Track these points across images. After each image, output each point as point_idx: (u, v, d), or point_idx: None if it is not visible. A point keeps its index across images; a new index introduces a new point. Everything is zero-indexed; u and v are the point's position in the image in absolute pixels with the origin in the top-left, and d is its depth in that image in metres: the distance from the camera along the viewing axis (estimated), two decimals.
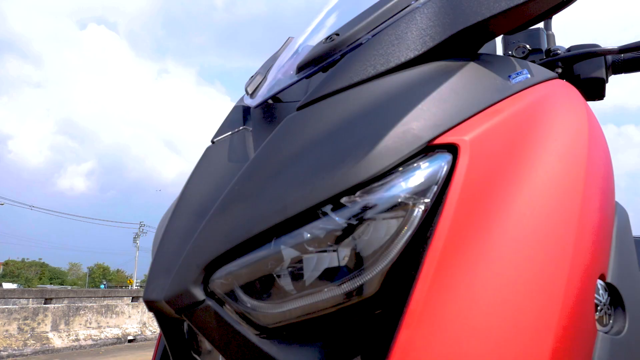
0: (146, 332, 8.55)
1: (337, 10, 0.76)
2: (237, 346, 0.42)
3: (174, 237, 0.49)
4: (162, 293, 0.44)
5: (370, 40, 0.54)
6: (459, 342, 0.38)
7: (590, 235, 0.47)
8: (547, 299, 0.41)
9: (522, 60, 0.58)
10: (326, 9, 0.78)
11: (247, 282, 0.43)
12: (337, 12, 0.75)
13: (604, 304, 0.48)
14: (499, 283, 0.40)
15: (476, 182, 0.43)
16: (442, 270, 0.40)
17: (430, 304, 0.39)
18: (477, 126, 0.46)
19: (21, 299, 7.59)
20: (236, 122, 0.62)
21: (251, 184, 0.46)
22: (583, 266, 0.44)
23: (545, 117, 0.51)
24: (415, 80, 0.49)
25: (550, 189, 0.46)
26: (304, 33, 0.73)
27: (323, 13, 0.77)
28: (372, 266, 0.41)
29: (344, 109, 0.48)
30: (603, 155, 0.55)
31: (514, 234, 0.42)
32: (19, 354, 6.48)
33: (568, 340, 0.41)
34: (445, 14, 0.52)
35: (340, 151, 0.44)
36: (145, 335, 8.45)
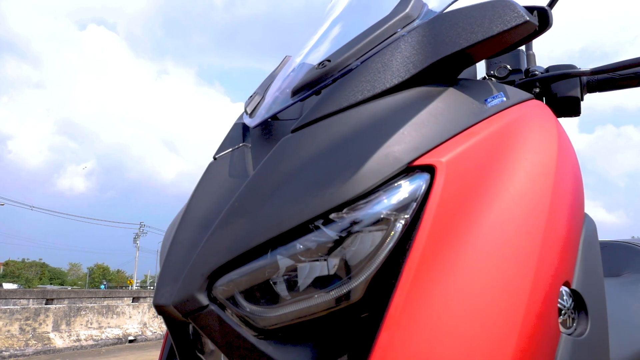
0: (147, 332, 8.59)
1: (332, 28, 0.81)
2: (237, 346, 0.47)
3: (180, 247, 0.54)
4: (170, 299, 0.50)
5: (359, 67, 0.59)
6: (432, 342, 0.43)
7: (556, 246, 0.52)
8: (512, 304, 0.46)
9: (499, 83, 0.63)
10: (323, 27, 0.83)
11: (246, 288, 0.48)
12: (332, 30, 0.80)
13: (568, 309, 0.53)
14: (469, 290, 0.45)
15: (451, 199, 0.48)
16: (419, 278, 0.45)
17: (407, 309, 0.44)
18: (453, 148, 0.51)
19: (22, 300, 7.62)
20: (236, 139, 0.67)
21: (250, 200, 0.51)
22: (547, 274, 0.49)
23: (517, 137, 0.56)
24: (398, 106, 0.54)
25: (519, 204, 0.51)
26: (300, 52, 0.78)
27: (319, 32, 0.82)
28: (358, 274, 0.46)
29: (333, 132, 0.53)
30: (572, 172, 0.60)
31: (484, 246, 0.47)
32: (21, 354, 6.52)
33: (531, 341, 0.46)
34: (427, 43, 0.58)
35: (330, 172, 0.49)
36: (145, 336, 8.49)
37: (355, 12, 0.81)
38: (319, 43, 0.78)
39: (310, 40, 0.81)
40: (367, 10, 0.80)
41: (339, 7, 0.84)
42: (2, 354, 6.36)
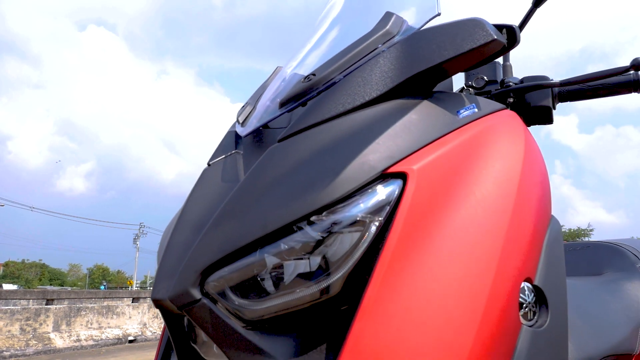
0: (146, 332, 8.63)
1: (322, 40, 0.86)
2: (227, 336, 0.52)
3: (176, 247, 0.59)
4: (166, 293, 0.55)
5: (341, 81, 0.64)
6: (401, 332, 0.48)
7: (518, 245, 0.57)
8: (474, 298, 0.51)
9: (472, 95, 0.68)
10: (313, 38, 0.88)
11: (236, 284, 0.53)
12: (322, 42, 0.85)
13: (529, 303, 0.58)
14: (435, 285, 0.50)
15: (421, 203, 0.53)
16: (390, 274, 0.50)
17: (379, 302, 0.49)
18: (424, 157, 0.56)
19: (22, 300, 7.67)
20: (229, 147, 0.72)
21: (240, 204, 0.56)
22: (508, 271, 0.54)
23: (486, 146, 0.61)
24: (375, 118, 0.59)
25: (483, 208, 0.56)
26: (290, 64, 0.83)
27: (310, 44, 0.87)
28: (336, 271, 0.51)
29: (316, 142, 0.58)
30: (538, 177, 0.65)
31: (450, 246, 0.52)
32: (21, 354, 6.57)
33: (492, 331, 0.51)
34: (404, 59, 0.63)
35: (312, 178, 0.54)
36: (145, 336, 8.53)
37: (345, 23, 0.86)
38: (308, 54, 0.82)
39: (300, 52, 0.86)
40: (356, 22, 0.85)
41: (329, 19, 0.89)
42: (3, 353, 6.40)
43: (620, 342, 1.01)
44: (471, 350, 0.49)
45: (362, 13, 0.84)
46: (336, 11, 0.88)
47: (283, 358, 0.51)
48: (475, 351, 0.49)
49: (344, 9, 0.87)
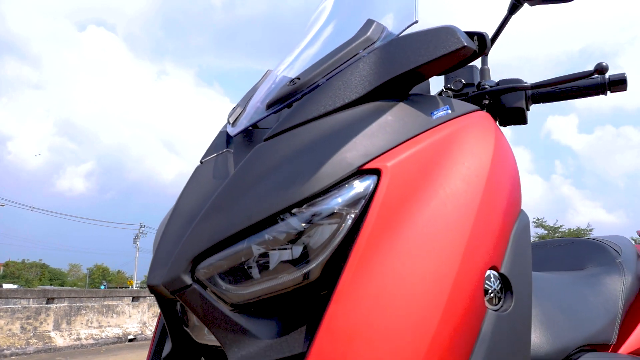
0: (146, 331, 8.67)
1: (310, 45, 0.90)
2: (215, 319, 0.57)
3: (169, 237, 0.64)
4: (160, 279, 0.59)
5: (324, 84, 0.69)
6: (371, 314, 0.53)
7: (484, 237, 0.61)
8: (440, 283, 0.55)
9: (446, 98, 0.73)
10: (302, 43, 0.93)
11: (223, 270, 0.58)
12: (310, 47, 0.90)
13: (495, 289, 0.63)
14: (404, 271, 0.55)
15: (393, 197, 0.58)
16: (363, 262, 0.55)
17: (352, 286, 0.54)
18: (397, 155, 0.61)
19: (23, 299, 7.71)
20: (220, 146, 0.77)
21: (228, 198, 0.61)
22: (474, 260, 0.59)
23: (456, 144, 0.66)
24: (354, 119, 0.64)
25: (452, 201, 0.60)
26: (279, 67, 0.88)
27: (298, 48, 0.92)
28: (315, 258, 0.56)
29: (299, 141, 0.63)
30: (508, 174, 0.70)
31: (419, 236, 0.57)
32: (22, 352, 6.61)
33: (456, 314, 0.56)
34: (382, 64, 0.67)
35: (294, 174, 0.59)
36: (145, 335, 8.57)
37: (331, 28, 0.91)
38: (296, 58, 0.87)
39: (289, 55, 0.91)
40: (342, 28, 0.90)
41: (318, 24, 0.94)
42: (4, 352, 6.45)
43: (597, 332, 1.05)
44: (436, 330, 0.54)
45: (347, 19, 0.89)
46: (324, 17, 0.93)
47: (266, 338, 0.56)
48: (441, 332, 0.54)
49: (331, 14, 0.92)
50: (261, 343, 0.56)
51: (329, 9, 0.93)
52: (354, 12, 0.89)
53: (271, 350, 0.55)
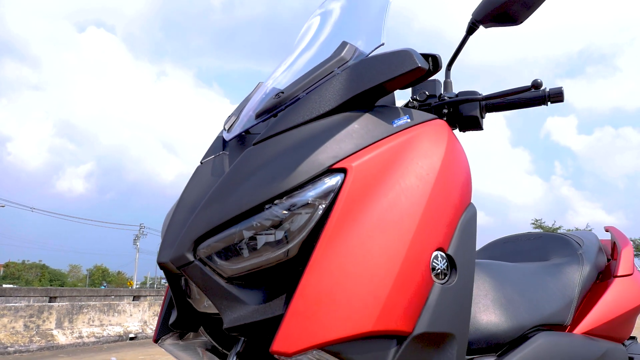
0: (147, 330, 8.79)
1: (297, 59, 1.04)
2: (212, 289, 0.71)
3: (175, 223, 0.77)
4: (168, 257, 0.73)
5: (304, 97, 0.83)
6: (336, 283, 0.67)
7: (433, 223, 0.75)
8: (393, 260, 0.69)
9: (407, 108, 0.87)
10: (290, 57, 1.06)
11: (219, 250, 0.72)
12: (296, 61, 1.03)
13: (441, 267, 0.76)
14: (364, 250, 0.69)
15: (357, 191, 0.72)
16: (330, 242, 0.68)
17: (322, 261, 0.67)
18: (361, 157, 0.74)
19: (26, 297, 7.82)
20: (217, 148, 0.90)
21: (223, 191, 0.75)
22: (422, 242, 0.72)
23: (412, 148, 0.79)
24: (326, 127, 0.78)
25: (405, 194, 0.74)
26: (268, 80, 1.02)
27: (286, 62, 1.05)
28: (293, 240, 0.70)
29: (282, 145, 0.77)
30: (458, 172, 0.84)
31: (377, 222, 0.71)
32: (25, 350, 6.73)
33: (405, 285, 0.69)
34: (352, 80, 0.81)
35: (277, 172, 0.73)
36: (146, 333, 8.68)
37: (314, 46, 1.04)
38: (283, 73, 1.01)
39: (278, 69, 1.04)
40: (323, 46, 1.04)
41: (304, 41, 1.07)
42: (8, 349, 6.56)
43: (553, 314, 1.19)
44: (388, 297, 0.67)
45: (328, 38, 1.02)
46: (309, 35, 1.06)
47: (254, 304, 0.70)
48: (392, 298, 0.68)
49: (315, 33, 1.05)
50: (249, 308, 0.69)
51: (313, 29, 1.07)
52: (333, 32, 1.02)
53: (257, 313, 0.69)
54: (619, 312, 1.32)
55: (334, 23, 1.03)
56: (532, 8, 0.94)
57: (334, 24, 1.03)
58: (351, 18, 1.01)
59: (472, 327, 1.05)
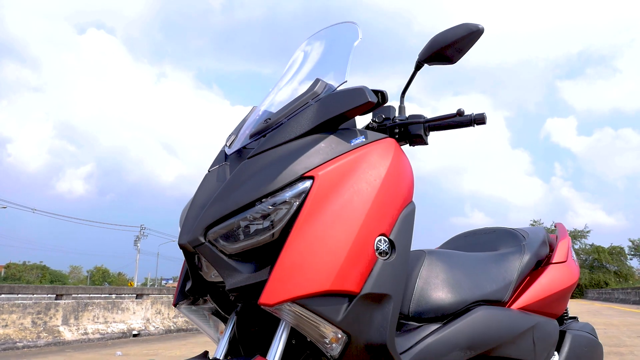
0: (150, 327, 9.04)
1: (284, 86, 1.32)
2: (218, 262, 0.99)
3: (190, 215, 1.05)
4: (186, 240, 1.01)
5: (285, 123, 1.11)
6: (305, 257, 0.94)
7: (378, 216, 1.03)
8: (346, 241, 0.97)
9: (363, 130, 1.15)
10: (280, 83, 1.35)
11: (223, 234, 0.99)
12: (284, 88, 1.31)
13: (384, 248, 1.04)
14: (325, 234, 0.97)
15: (321, 192, 1.00)
16: (301, 228, 0.96)
17: (295, 241, 0.95)
18: (325, 168, 1.02)
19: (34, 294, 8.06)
20: (220, 160, 1.18)
21: (225, 192, 1.03)
22: (369, 229, 1.00)
23: (364, 161, 1.07)
24: (301, 145, 1.06)
25: (357, 195, 1.02)
26: (261, 105, 1.30)
27: (276, 88, 1.33)
28: (275, 227, 0.98)
29: (268, 159, 1.05)
30: (400, 179, 1.11)
31: (335, 214, 0.99)
32: (33, 345, 6.99)
33: (354, 260, 0.97)
34: (321, 110, 1.09)
35: (264, 178, 1.01)
36: (148, 331, 8.92)
37: (298, 77, 1.32)
38: (274, 97, 1.29)
39: (269, 96, 1.33)
40: (305, 77, 1.32)
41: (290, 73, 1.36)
42: (17, 344, 6.82)
43: (493, 292, 1.46)
44: (341, 267, 0.95)
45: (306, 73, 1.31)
46: (293, 70, 1.35)
47: (247, 272, 0.98)
48: (344, 268, 0.96)
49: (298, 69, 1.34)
50: (244, 275, 0.98)
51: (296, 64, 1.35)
52: (311, 68, 1.30)
53: (249, 278, 0.97)
54: (551, 292, 1.59)
55: (311, 61, 1.32)
56: (462, 51, 1.22)
57: (311, 61, 1.31)
58: (325, 57, 1.29)
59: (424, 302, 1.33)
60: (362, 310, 0.98)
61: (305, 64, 1.32)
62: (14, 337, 6.87)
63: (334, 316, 0.94)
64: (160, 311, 9.63)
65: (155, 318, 9.40)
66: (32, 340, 7.05)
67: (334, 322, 0.94)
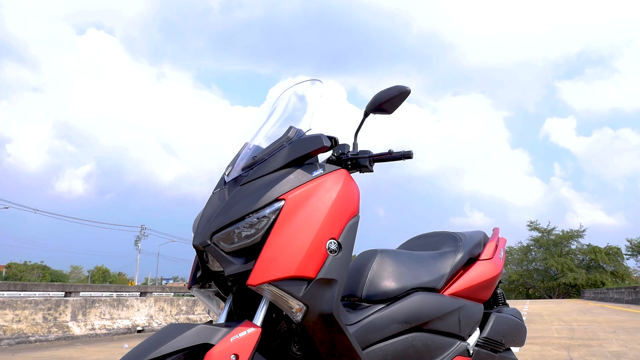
0: (153, 324, 9.46)
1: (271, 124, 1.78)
2: (220, 257, 1.44)
3: (201, 224, 1.50)
4: (198, 242, 1.46)
5: (267, 159, 1.57)
6: (278, 253, 1.39)
7: (330, 225, 1.49)
8: (306, 242, 1.42)
9: (322, 163, 1.61)
10: (269, 121, 1.80)
11: (223, 239, 1.45)
12: (270, 125, 1.77)
13: (334, 247, 1.49)
14: (292, 238, 1.42)
15: (290, 209, 1.45)
16: (276, 234, 1.41)
17: (272, 243, 1.40)
18: (293, 192, 1.48)
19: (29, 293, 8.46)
20: (221, 184, 1.64)
21: (224, 209, 1.48)
22: (322, 234, 1.45)
23: (321, 187, 1.53)
24: (277, 177, 1.51)
25: (315, 211, 1.48)
26: (251, 140, 1.76)
27: (264, 124, 1.79)
28: (259, 233, 1.43)
29: (255, 186, 1.50)
30: (348, 199, 1.57)
31: (299, 224, 1.44)
32: (45, 339, 7.41)
33: (312, 255, 1.42)
34: (291, 151, 1.55)
35: (251, 200, 1.46)
36: (152, 327, 9.33)
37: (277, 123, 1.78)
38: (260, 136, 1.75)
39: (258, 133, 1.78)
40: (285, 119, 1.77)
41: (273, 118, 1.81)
42: (29, 339, 7.25)
43: (429, 281, 1.92)
44: (302, 260, 1.41)
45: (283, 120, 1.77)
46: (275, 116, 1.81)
47: (239, 264, 1.43)
48: (304, 261, 1.41)
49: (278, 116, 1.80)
50: (237, 265, 1.43)
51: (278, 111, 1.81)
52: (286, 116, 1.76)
53: (241, 268, 1.42)
54: (477, 281, 2.05)
55: (286, 110, 1.78)
56: (396, 106, 1.68)
57: (287, 110, 1.78)
58: (297, 108, 1.76)
59: (373, 288, 1.79)
60: (316, 289, 1.43)
61: (284, 112, 1.79)
62: (27, 331, 7.29)
63: (297, 293, 1.40)
64: (163, 308, 10.08)
65: (158, 315, 9.83)
66: (44, 334, 7.47)
67: (297, 297, 1.40)
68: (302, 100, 1.76)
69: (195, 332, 1.27)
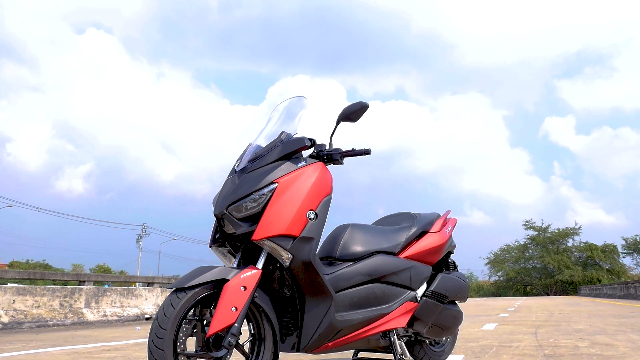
0: None
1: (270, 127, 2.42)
2: (233, 222, 2.04)
3: (219, 200, 2.13)
4: (218, 211, 2.07)
5: (265, 155, 2.20)
6: (273, 218, 2.03)
7: (309, 201, 2.11)
8: (292, 212, 2.05)
9: (306, 157, 2.23)
10: (268, 125, 2.44)
11: (234, 209, 2.07)
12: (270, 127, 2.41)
13: (312, 216, 2.10)
14: (283, 208, 2.04)
15: (281, 190, 2.07)
16: (272, 206, 2.03)
17: (269, 211, 2.02)
18: (284, 177, 2.09)
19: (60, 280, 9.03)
20: (233, 172, 2.26)
21: (235, 189, 2.10)
22: (303, 207, 2.07)
23: (304, 175, 2.15)
24: (271, 167, 2.12)
25: (299, 190, 2.10)
26: (254, 140, 2.39)
27: (262, 135, 2.43)
28: (260, 205, 2.06)
29: (256, 173, 2.13)
30: (323, 184, 2.19)
31: (287, 199, 2.06)
32: (62, 324, 8.04)
33: (296, 221, 2.00)
34: (282, 149, 2.15)
35: (253, 183, 2.09)
36: None
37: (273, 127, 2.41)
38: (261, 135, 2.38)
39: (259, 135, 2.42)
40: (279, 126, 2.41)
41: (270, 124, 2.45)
42: (48, 323, 7.88)
43: (388, 247, 2.55)
44: (289, 223, 2.01)
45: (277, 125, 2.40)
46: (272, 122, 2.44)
47: (247, 227, 2.04)
48: (291, 224, 2.01)
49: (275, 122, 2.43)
50: (245, 227, 2.05)
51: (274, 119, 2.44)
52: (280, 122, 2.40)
53: (248, 228, 2.03)
54: (425, 248, 2.69)
55: (280, 118, 2.41)
56: (359, 115, 2.32)
57: (280, 119, 2.41)
58: (288, 116, 2.39)
59: (344, 250, 2.43)
60: (299, 244, 2.06)
61: (277, 120, 2.42)
62: (46, 316, 7.92)
63: (286, 246, 2.03)
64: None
65: None
66: (61, 319, 8.09)
67: (286, 248, 2.03)
68: (290, 111, 2.40)
69: (217, 271, 1.91)
